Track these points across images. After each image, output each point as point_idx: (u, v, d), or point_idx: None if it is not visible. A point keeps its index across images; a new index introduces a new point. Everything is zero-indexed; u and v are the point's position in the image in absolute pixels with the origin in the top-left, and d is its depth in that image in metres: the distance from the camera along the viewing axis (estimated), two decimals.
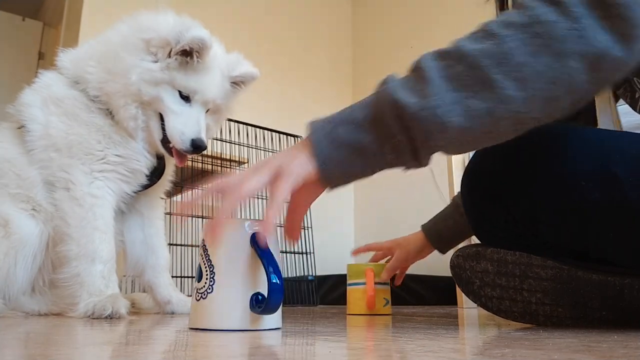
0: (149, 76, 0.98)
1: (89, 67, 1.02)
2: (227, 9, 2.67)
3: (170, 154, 1.04)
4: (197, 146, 1.00)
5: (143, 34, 0.98)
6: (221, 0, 2.65)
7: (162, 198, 1.20)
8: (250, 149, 1.90)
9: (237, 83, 1.13)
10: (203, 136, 1.01)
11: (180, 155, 1.03)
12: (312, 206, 0.63)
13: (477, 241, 0.79)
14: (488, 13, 2.74)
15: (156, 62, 0.98)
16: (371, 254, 1.23)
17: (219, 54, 1.06)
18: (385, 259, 1.20)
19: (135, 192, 1.08)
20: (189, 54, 0.98)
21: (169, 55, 0.97)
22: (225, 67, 1.08)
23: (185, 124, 1.00)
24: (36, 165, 1.00)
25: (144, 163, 1.06)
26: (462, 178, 0.76)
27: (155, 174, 1.10)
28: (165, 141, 1.03)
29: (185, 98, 1.02)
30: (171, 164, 1.17)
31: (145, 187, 1.10)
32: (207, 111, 1.06)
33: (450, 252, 0.92)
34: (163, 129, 1.02)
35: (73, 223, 0.96)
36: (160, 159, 1.10)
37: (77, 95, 1.02)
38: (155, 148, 1.06)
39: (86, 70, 1.02)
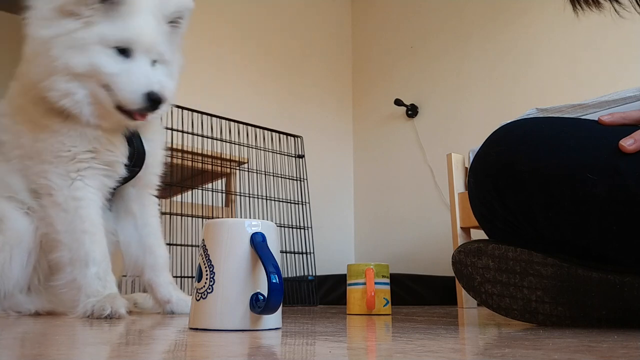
0: (72, 40, 0.89)
1: (22, 70, 0.99)
2: (228, 10, 2.67)
3: (131, 117, 0.95)
4: (155, 99, 0.91)
5: (52, 2, 0.90)
6: (222, 1, 2.65)
7: (155, 195, 1.16)
8: (250, 149, 1.90)
9: (173, 22, 1.03)
10: (157, 88, 0.92)
11: (142, 114, 0.95)
12: (312, 206, 0.63)
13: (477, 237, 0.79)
14: (487, 13, 2.74)
15: (77, 20, 0.89)
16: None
17: None
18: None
19: (119, 185, 1.05)
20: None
21: (88, 7, 0.88)
22: (156, 8, 0.98)
23: (131, 81, 0.91)
24: (18, 175, 1.00)
25: (117, 152, 1.01)
26: (469, 168, 0.76)
27: (134, 162, 1.05)
28: (120, 107, 0.94)
29: (123, 53, 0.92)
30: (155, 149, 1.11)
31: (129, 178, 1.07)
32: (154, 63, 0.98)
33: (451, 251, 0.92)
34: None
35: (61, 229, 0.95)
36: (131, 143, 1.04)
37: (30, 102, 0.99)
38: (111, 121, 0.97)
39: (18, 72, 1.00)
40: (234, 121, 1.86)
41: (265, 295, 0.58)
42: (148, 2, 0.96)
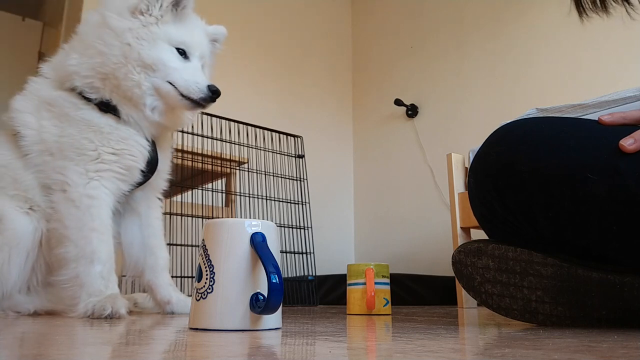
0: (145, 33, 1.00)
1: (70, 61, 1.01)
2: (228, 10, 2.67)
3: (197, 104, 1.04)
4: (215, 91, 1.03)
5: (127, 2, 1.01)
6: (222, 1, 2.64)
7: (160, 198, 1.20)
8: (250, 149, 1.90)
9: (211, 42, 1.18)
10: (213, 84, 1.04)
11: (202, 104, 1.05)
12: (312, 206, 0.63)
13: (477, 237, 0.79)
14: (487, 13, 2.74)
15: (151, 17, 1.01)
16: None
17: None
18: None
19: (130, 190, 1.08)
20: (177, 5, 1.03)
21: (160, 9, 1.01)
22: (202, 26, 1.13)
23: (194, 75, 1.04)
24: (32, 170, 1.01)
25: (139, 157, 1.05)
26: (469, 168, 0.76)
27: (149, 168, 1.10)
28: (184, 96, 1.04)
29: (183, 54, 1.04)
30: (166, 158, 1.17)
31: (141, 183, 1.09)
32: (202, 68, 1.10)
33: (450, 251, 0.92)
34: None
35: (70, 225, 0.96)
36: (153, 149, 1.10)
37: (64, 95, 1.02)
38: (169, 117, 1.07)
39: (69, 64, 1.01)
40: (234, 121, 1.86)
41: (265, 295, 0.58)
42: (199, 19, 1.12)
